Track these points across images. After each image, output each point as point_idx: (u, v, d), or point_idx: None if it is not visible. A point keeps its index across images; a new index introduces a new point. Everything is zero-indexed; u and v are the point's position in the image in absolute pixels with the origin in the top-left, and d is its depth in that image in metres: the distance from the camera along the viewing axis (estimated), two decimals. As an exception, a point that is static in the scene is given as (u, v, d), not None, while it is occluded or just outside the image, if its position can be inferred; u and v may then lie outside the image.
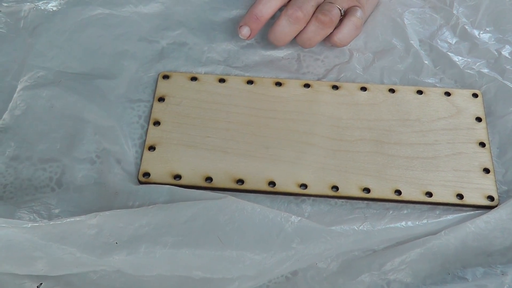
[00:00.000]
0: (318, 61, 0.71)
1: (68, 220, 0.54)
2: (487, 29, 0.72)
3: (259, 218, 0.56)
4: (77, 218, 0.54)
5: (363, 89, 0.67)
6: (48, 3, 0.72)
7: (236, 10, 0.74)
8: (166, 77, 0.67)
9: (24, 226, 0.52)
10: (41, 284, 0.54)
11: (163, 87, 0.66)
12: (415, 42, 0.71)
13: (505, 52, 0.70)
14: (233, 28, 0.73)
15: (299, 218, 0.56)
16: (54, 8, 0.71)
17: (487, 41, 0.71)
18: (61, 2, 0.72)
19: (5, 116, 0.64)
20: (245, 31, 0.67)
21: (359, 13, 0.67)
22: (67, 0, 0.72)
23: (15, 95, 0.65)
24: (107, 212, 0.55)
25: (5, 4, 0.72)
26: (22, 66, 0.67)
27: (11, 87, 0.66)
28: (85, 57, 0.68)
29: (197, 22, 0.73)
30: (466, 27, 0.71)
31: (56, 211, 0.58)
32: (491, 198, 0.60)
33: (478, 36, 0.71)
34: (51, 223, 0.54)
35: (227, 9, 0.74)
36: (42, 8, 0.71)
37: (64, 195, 0.59)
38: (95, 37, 0.70)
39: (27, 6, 0.71)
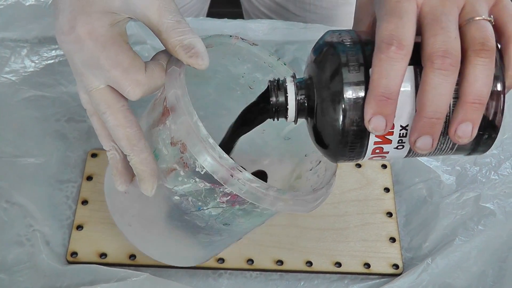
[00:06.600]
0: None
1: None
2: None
3: (177, 296, 0.60)
4: (5, 304, 0.58)
5: (281, 161, 0.71)
6: (-19, 86, 0.73)
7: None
8: (94, 155, 0.70)
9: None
10: None
11: (92, 166, 0.69)
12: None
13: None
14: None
15: (214, 293, 0.61)
16: (-13, 92, 0.73)
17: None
18: (-6, 85, 0.74)
19: None
20: (379, 122, 0.42)
21: None
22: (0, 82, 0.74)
23: None
24: (32, 298, 0.58)
25: None
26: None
27: None
28: (16, 140, 0.70)
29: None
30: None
31: (-13, 294, 0.61)
32: (396, 266, 0.64)
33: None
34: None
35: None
36: (-24, 92, 0.72)
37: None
38: (26, 119, 0.72)
39: (-39, 90, 0.72)
